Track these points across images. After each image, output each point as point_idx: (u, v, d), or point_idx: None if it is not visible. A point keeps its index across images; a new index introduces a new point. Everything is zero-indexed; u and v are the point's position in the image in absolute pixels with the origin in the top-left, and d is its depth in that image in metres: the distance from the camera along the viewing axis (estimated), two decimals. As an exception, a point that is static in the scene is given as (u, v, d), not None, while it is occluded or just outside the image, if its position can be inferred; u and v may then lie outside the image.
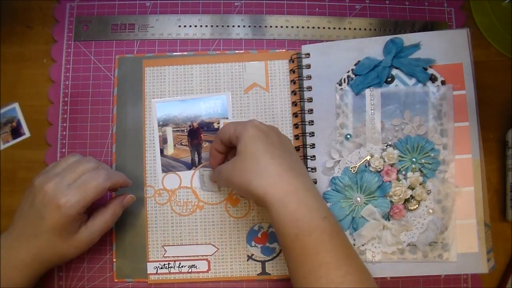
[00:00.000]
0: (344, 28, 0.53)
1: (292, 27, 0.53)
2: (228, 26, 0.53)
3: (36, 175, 0.43)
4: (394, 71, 0.48)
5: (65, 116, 0.51)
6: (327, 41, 0.51)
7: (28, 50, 0.53)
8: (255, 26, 0.53)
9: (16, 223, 0.42)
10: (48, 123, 0.52)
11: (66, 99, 0.52)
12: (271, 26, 0.53)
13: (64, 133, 0.51)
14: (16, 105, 0.52)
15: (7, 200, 0.51)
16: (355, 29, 0.53)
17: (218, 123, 0.51)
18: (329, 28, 0.53)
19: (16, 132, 0.52)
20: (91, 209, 0.43)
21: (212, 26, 0.53)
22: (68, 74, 0.52)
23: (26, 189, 0.43)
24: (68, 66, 0.52)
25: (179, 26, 0.53)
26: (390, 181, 0.47)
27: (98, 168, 0.43)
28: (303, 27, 0.53)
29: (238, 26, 0.53)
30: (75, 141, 0.51)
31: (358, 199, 0.47)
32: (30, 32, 0.53)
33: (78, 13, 0.53)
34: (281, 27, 0.53)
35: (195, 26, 0.53)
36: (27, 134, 0.52)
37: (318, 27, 0.53)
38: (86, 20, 0.53)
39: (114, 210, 0.44)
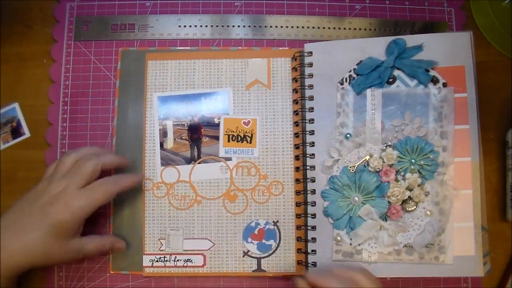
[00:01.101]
0: (344, 28, 0.53)
1: (292, 27, 0.53)
2: (228, 26, 0.53)
3: (39, 181, 0.44)
4: (396, 72, 0.48)
5: (65, 116, 0.52)
6: (327, 41, 0.52)
7: (28, 50, 0.53)
8: (255, 26, 0.53)
9: (12, 211, 0.42)
10: (48, 123, 0.52)
11: (66, 99, 0.52)
12: (271, 26, 0.53)
13: (64, 133, 0.51)
14: (16, 105, 0.52)
15: (7, 200, 0.51)
16: (355, 29, 0.53)
17: (219, 119, 0.51)
18: (329, 28, 0.53)
19: (16, 132, 0.52)
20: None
21: (212, 26, 0.53)
22: (68, 74, 0.52)
23: (27, 192, 0.43)
24: (68, 66, 0.52)
25: (179, 26, 0.53)
26: (388, 182, 0.46)
27: (99, 160, 0.43)
28: (303, 27, 0.53)
29: (238, 26, 0.53)
30: (75, 141, 0.51)
31: (356, 198, 0.47)
32: (30, 32, 0.53)
33: (78, 13, 0.53)
34: (281, 27, 0.53)
35: (195, 26, 0.53)
36: (27, 134, 0.52)
37: (318, 27, 0.53)
38: (86, 20, 0.53)
39: (105, 244, 0.45)
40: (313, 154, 0.48)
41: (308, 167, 0.48)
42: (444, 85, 0.48)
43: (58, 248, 0.41)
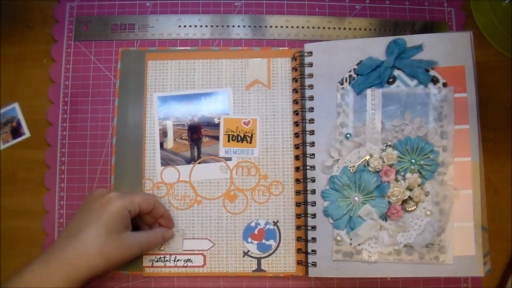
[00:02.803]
0: (344, 28, 0.53)
1: (292, 27, 0.53)
2: (228, 26, 0.53)
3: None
4: (396, 72, 0.48)
5: (65, 116, 0.52)
6: (327, 41, 0.52)
7: (28, 50, 0.53)
8: (255, 26, 0.53)
9: (66, 226, 0.44)
10: (48, 123, 0.52)
11: (66, 99, 0.52)
12: (271, 26, 0.53)
13: (64, 133, 0.51)
14: (16, 105, 0.52)
15: (7, 200, 0.51)
16: (355, 29, 0.53)
17: (219, 119, 0.51)
18: (329, 28, 0.53)
19: (16, 132, 0.52)
20: None
21: (212, 26, 0.53)
22: (68, 74, 0.52)
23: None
24: (68, 66, 0.52)
25: (179, 26, 0.53)
26: (388, 182, 0.46)
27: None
28: (303, 27, 0.53)
29: (238, 26, 0.53)
30: (75, 141, 0.51)
31: (356, 198, 0.47)
32: (30, 32, 0.53)
33: (78, 13, 0.53)
34: (281, 27, 0.53)
35: (195, 26, 0.53)
36: (27, 134, 0.52)
37: (318, 27, 0.53)
38: (86, 20, 0.53)
39: (156, 234, 0.47)
40: (313, 154, 0.48)
41: (308, 167, 0.48)
42: (444, 85, 0.48)
43: (112, 243, 0.42)
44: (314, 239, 0.47)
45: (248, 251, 0.49)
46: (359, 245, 0.46)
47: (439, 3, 0.54)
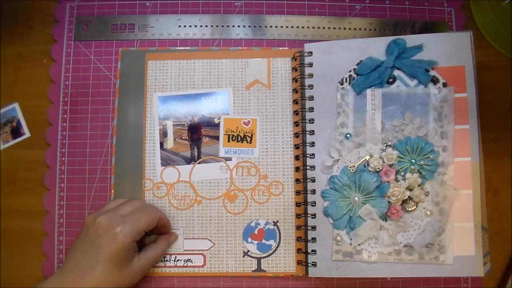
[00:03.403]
0: (344, 28, 0.53)
1: (292, 27, 0.53)
2: (228, 26, 0.53)
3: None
4: (396, 72, 0.48)
5: (65, 116, 0.52)
6: (327, 41, 0.52)
7: (28, 50, 0.53)
8: (255, 26, 0.53)
9: (69, 259, 0.42)
10: (48, 123, 0.52)
11: (66, 99, 0.52)
12: (271, 26, 0.53)
13: (64, 133, 0.51)
14: (16, 105, 0.52)
15: (7, 200, 0.51)
16: (355, 29, 0.53)
17: (219, 119, 0.51)
18: (329, 28, 0.53)
19: (16, 132, 0.52)
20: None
21: (212, 26, 0.53)
22: (68, 74, 0.52)
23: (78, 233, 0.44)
24: (68, 66, 0.52)
25: (179, 26, 0.53)
26: (388, 182, 0.46)
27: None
28: (303, 27, 0.53)
29: (238, 26, 0.53)
30: (75, 141, 0.51)
31: (356, 198, 0.47)
32: (30, 32, 0.53)
33: (78, 13, 0.53)
34: (281, 27, 0.53)
35: (195, 26, 0.53)
36: (27, 134, 0.52)
37: (318, 27, 0.53)
38: (86, 20, 0.53)
39: (162, 245, 0.47)
40: (313, 154, 0.48)
41: (308, 167, 0.48)
42: (444, 85, 0.48)
43: (124, 274, 0.42)
44: (314, 239, 0.47)
45: (248, 251, 0.49)
46: (359, 245, 0.46)
47: (439, 3, 0.53)
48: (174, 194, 0.50)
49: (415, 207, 0.46)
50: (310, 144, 0.49)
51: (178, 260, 0.49)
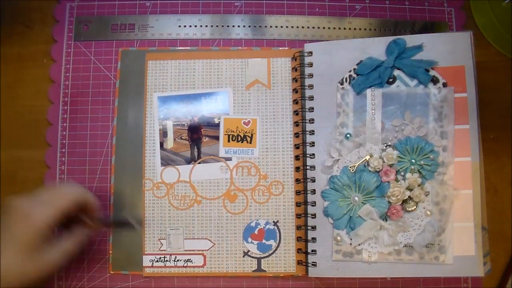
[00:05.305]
0: (344, 28, 0.53)
1: (292, 27, 0.53)
2: (228, 26, 0.53)
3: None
4: (396, 72, 0.48)
5: (65, 116, 0.52)
6: (327, 41, 0.52)
7: (28, 50, 0.53)
8: (255, 26, 0.53)
9: None
10: (48, 123, 0.52)
11: (66, 99, 0.52)
12: (271, 26, 0.53)
13: (64, 133, 0.51)
14: None
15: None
16: (355, 29, 0.53)
17: (219, 119, 0.51)
18: (329, 28, 0.53)
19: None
20: None
21: (212, 26, 0.53)
22: (68, 74, 0.52)
23: None
24: (68, 66, 0.52)
25: (179, 26, 0.53)
26: (388, 182, 0.46)
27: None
28: (303, 27, 0.53)
29: (238, 26, 0.53)
30: (75, 141, 0.51)
31: (356, 198, 0.47)
32: (30, 32, 0.53)
33: (78, 13, 0.53)
34: (281, 27, 0.53)
35: (195, 26, 0.53)
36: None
37: (318, 27, 0.53)
38: (86, 20, 0.53)
39: (79, 236, 0.43)
40: (313, 154, 0.48)
41: (308, 167, 0.48)
42: (444, 85, 0.48)
43: (33, 264, 0.38)
44: (314, 239, 0.47)
45: (248, 251, 0.49)
46: (359, 245, 0.46)
47: (439, 3, 0.54)
48: (174, 194, 0.50)
49: (415, 207, 0.46)
50: (310, 144, 0.49)
51: (178, 260, 0.49)
